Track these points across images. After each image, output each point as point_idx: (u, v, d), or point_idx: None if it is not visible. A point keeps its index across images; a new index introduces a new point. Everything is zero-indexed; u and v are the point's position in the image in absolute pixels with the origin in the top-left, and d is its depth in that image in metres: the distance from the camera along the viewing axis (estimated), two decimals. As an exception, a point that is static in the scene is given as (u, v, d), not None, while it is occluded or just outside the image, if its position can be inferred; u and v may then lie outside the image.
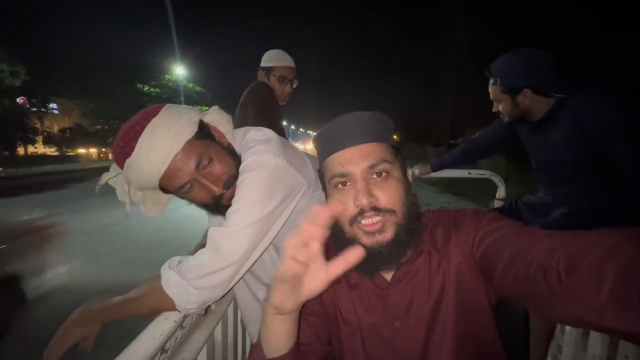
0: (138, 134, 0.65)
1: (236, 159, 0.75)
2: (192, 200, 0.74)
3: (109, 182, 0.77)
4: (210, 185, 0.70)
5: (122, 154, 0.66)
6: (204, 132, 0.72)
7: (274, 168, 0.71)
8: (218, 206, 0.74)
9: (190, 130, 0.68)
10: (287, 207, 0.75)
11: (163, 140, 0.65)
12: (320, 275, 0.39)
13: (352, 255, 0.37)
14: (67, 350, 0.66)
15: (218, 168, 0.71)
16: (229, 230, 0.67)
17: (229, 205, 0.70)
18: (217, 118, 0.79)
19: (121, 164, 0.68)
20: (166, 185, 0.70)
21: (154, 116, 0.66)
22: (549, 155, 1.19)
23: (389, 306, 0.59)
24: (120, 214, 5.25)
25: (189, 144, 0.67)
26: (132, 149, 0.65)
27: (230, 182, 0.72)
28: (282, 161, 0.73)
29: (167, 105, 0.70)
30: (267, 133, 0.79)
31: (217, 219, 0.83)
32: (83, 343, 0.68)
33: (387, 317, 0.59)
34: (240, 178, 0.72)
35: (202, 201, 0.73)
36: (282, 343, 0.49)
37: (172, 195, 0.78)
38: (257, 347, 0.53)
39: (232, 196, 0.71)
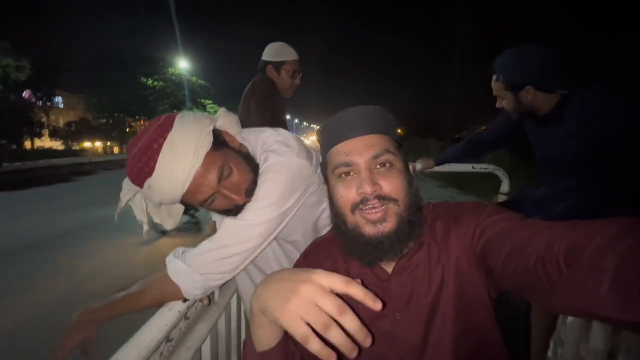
0: (156, 152, 0.62)
1: (251, 163, 0.74)
2: (212, 210, 0.74)
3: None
4: (233, 196, 0.69)
5: (141, 174, 0.64)
6: (219, 141, 0.70)
7: (297, 169, 0.74)
8: (238, 210, 0.73)
9: (208, 141, 0.66)
10: (298, 204, 0.77)
11: (184, 156, 0.63)
12: None
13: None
14: (68, 353, 0.66)
15: (238, 177, 0.70)
16: (244, 224, 0.70)
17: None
18: (227, 122, 0.77)
19: (140, 184, 0.65)
20: (189, 200, 0.69)
21: (167, 131, 0.64)
22: (555, 149, 1.18)
23: (390, 298, 0.59)
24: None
25: (209, 156, 0.66)
26: (152, 168, 0.62)
27: (251, 190, 0.72)
28: (305, 162, 0.75)
29: (179, 116, 0.67)
30: (285, 134, 0.80)
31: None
32: (84, 347, 0.68)
33: (388, 308, 0.59)
34: (263, 178, 0.72)
35: (223, 209, 0.72)
36: (271, 338, 0.48)
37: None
38: (250, 341, 0.53)
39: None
